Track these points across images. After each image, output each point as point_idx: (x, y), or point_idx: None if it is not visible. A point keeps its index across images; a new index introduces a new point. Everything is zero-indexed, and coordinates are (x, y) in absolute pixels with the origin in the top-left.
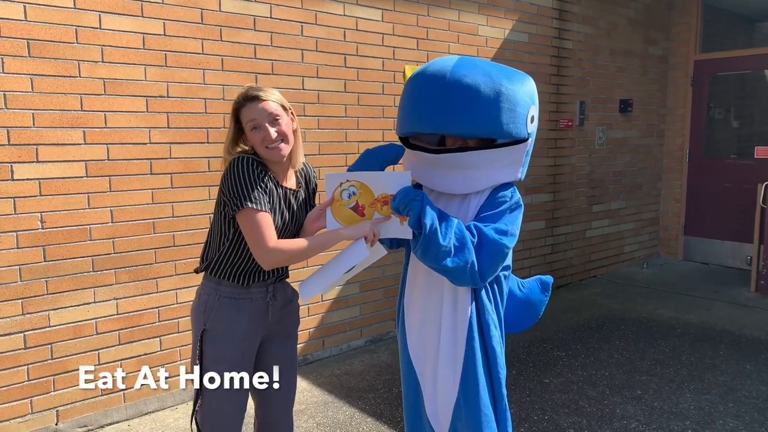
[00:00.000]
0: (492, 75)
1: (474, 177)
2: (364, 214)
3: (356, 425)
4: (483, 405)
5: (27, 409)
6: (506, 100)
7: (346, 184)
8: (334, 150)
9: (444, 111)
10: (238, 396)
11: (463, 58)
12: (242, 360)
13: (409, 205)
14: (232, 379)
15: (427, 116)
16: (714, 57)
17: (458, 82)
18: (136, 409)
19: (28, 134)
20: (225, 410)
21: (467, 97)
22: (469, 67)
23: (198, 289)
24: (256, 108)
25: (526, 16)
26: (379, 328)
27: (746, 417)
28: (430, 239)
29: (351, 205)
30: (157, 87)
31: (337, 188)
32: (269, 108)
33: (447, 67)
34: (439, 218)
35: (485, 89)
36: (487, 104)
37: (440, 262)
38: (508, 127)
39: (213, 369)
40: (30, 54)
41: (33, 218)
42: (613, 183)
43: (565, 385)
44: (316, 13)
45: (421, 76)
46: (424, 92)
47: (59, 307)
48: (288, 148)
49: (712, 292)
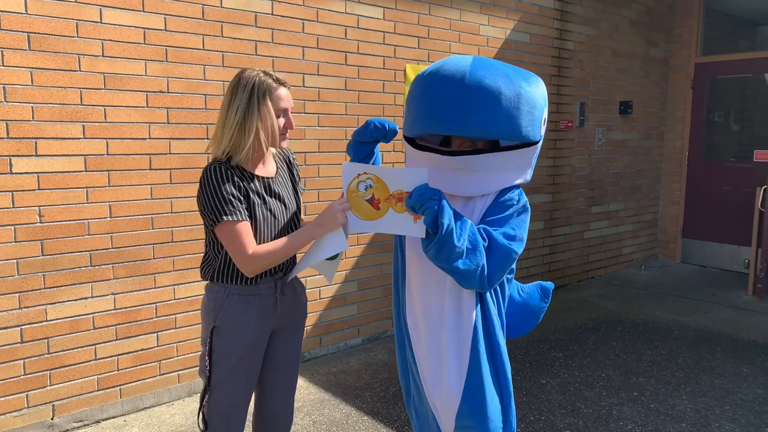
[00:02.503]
0: (511, 77)
1: (485, 179)
2: (379, 208)
3: (353, 423)
4: (490, 410)
5: (23, 403)
6: (526, 102)
7: (363, 176)
8: (334, 148)
9: (464, 113)
10: (246, 391)
11: (478, 58)
12: (251, 355)
13: (426, 204)
14: (241, 374)
15: (445, 118)
16: (715, 60)
17: (479, 83)
18: (133, 404)
19: (28, 128)
20: (232, 404)
21: (489, 99)
22: (488, 68)
23: (206, 286)
24: (288, 95)
25: (527, 16)
26: (377, 326)
27: (742, 420)
28: (445, 240)
29: (367, 198)
30: (158, 82)
31: (354, 179)
32: (290, 97)
33: (464, 68)
34: (454, 219)
35: (507, 92)
36: (508, 107)
37: (452, 264)
38: (527, 130)
39: (223, 364)
40: (30, 47)
41: (31, 212)
42: (613, 185)
43: (562, 386)
44: (318, 11)
45: (435, 76)
46: (441, 93)
47: (56, 301)
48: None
49: (710, 294)
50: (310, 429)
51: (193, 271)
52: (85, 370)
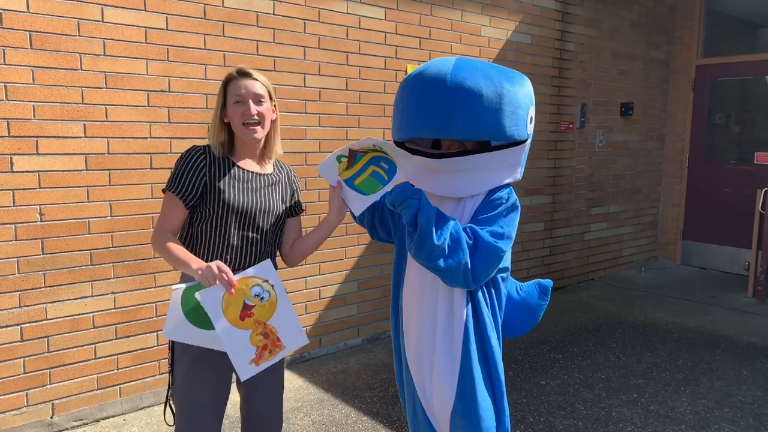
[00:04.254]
0: (493, 77)
1: (474, 180)
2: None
3: (352, 423)
4: (482, 410)
5: (23, 401)
6: (508, 102)
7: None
8: (334, 148)
9: (446, 115)
10: (213, 388)
11: (461, 60)
12: (207, 351)
13: (405, 202)
14: (202, 371)
15: (429, 120)
16: (716, 62)
17: (460, 85)
18: (132, 403)
19: (29, 126)
20: (195, 401)
21: (470, 101)
22: (469, 70)
23: None
24: (245, 83)
25: (528, 17)
26: (376, 326)
27: (742, 422)
28: (425, 237)
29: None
30: (159, 81)
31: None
32: (255, 87)
33: (446, 70)
34: (436, 217)
35: (488, 93)
36: (490, 108)
37: (434, 262)
38: (511, 130)
39: (182, 356)
40: (32, 46)
41: (32, 210)
42: (613, 186)
43: (562, 387)
44: (319, 11)
45: (417, 79)
46: (425, 96)
47: (56, 300)
48: (263, 132)
49: (710, 297)
50: (310, 429)
51: None
52: (85, 368)
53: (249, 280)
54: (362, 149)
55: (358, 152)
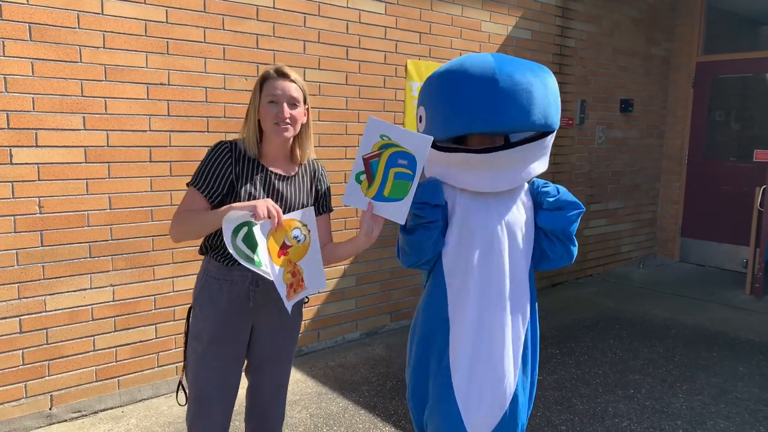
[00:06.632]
0: (535, 70)
1: (520, 171)
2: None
3: (349, 417)
4: (521, 412)
5: (21, 393)
6: (552, 92)
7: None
8: (334, 142)
9: (505, 108)
10: (219, 377)
11: (495, 55)
12: (220, 337)
13: (578, 212)
14: (211, 359)
15: (487, 115)
16: (716, 59)
17: (510, 77)
18: (130, 395)
19: (28, 118)
20: (204, 386)
21: (523, 92)
22: (512, 64)
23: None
24: (281, 84)
25: (529, 13)
26: (375, 321)
27: (737, 419)
28: (575, 243)
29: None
30: (158, 74)
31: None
32: (291, 90)
33: (490, 65)
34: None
35: (537, 84)
36: (541, 99)
37: (573, 258)
38: (554, 119)
39: (194, 342)
40: (31, 38)
41: (31, 203)
42: (612, 183)
43: (559, 382)
44: (319, 5)
45: (462, 76)
46: (476, 91)
47: (55, 292)
48: (293, 132)
49: (708, 293)
50: (307, 422)
51: (192, 264)
52: (84, 360)
53: (292, 222)
54: (373, 151)
55: (371, 159)
